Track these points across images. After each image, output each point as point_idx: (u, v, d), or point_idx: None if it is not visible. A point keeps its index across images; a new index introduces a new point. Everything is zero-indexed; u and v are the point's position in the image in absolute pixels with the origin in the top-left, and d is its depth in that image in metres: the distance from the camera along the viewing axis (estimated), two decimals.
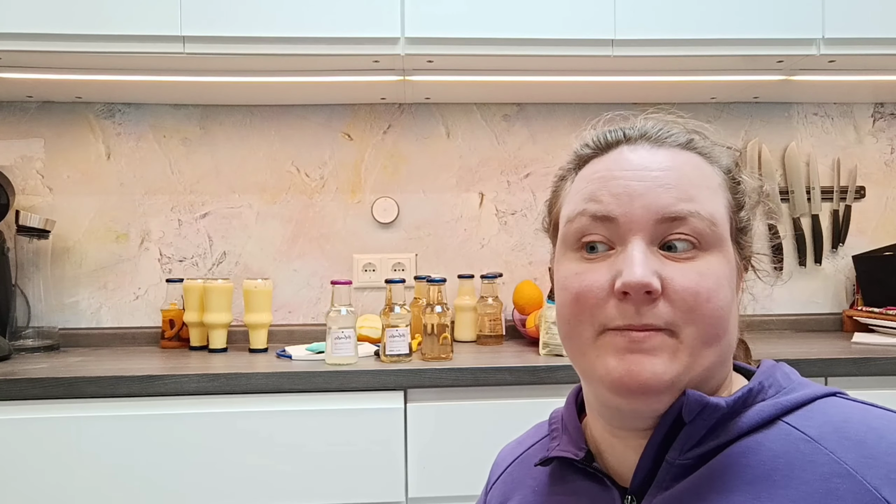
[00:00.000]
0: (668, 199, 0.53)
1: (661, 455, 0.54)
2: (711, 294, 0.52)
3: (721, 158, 0.59)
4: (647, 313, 0.51)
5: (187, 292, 1.73)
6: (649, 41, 1.57)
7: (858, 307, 1.85)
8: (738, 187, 0.59)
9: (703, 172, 0.56)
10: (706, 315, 0.52)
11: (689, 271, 0.52)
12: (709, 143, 0.59)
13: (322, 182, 1.94)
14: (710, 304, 0.52)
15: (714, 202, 0.55)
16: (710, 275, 0.52)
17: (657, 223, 0.53)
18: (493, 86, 1.79)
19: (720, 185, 0.57)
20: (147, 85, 1.73)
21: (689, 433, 0.52)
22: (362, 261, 1.94)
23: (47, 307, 1.84)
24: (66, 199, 1.89)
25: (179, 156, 1.92)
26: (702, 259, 0.53)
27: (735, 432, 0.52)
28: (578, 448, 0.60)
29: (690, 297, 0.51)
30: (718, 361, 0.54)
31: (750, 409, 0.53)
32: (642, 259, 0.52)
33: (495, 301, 1.78)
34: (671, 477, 0.53)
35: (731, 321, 0.54)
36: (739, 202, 0.58)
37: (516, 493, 0.65)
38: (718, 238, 0.54)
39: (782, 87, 1.82)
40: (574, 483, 0.60)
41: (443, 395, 1.41)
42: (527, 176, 1.97)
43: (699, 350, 0.52)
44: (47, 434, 1.33)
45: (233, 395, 1.37)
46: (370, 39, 1.53)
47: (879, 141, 2.03)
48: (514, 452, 0.71)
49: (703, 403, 0.51)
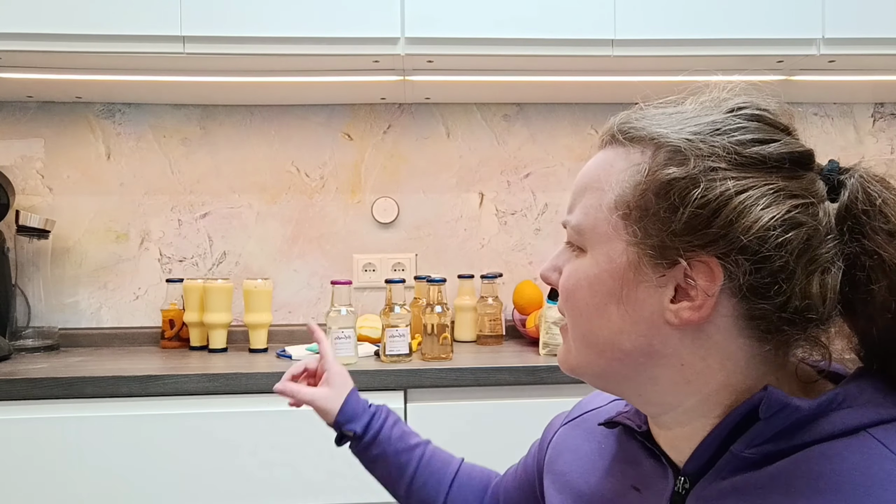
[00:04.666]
0: (568, 206, 0.59)
1: (724, 445, 0.52)
2: (568, 293, 0.56)
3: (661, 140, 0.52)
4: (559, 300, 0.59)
5: (187, 292, 1.73)
6: (649, 41, 1.57)
7: None
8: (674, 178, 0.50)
9: (601, 173, 0.55)
10: (569, 311, 0.57)
11: (566, 271, 0.57)
12: (654, 128, 0.53)
13: (322, 182, 1.94)
14: (568, 302, 0.56)
15: (589, 206, 0.55)
16: (573, 276, 0.56)
17: (564, 226, 0.59)
18: (493, 86, 1.79)
19: (619, 181, 0.52)
20: (147, 85, 1.73)
21: (761, 429, 0.49)
22: (362, 261, 1.94)
23: (47, 307, 1.84)
24: (66, 199, 1.89)
25: (179, 156, 1.92)
26: (576, 260, 0.57)
27: (813, 436, 0.48)
28: (643, 421, 0.60)
29: (561, 293, 0.58)
30: (622, 371, 0.54)
31: (834, 414, 0.49)
32: (553, 255, 0.60)
33: (495, 301, 1.78)
34: (732, 468, 0.51)
35: (607, 325, 0.53)
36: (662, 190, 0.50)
37: (584, 442, 0.67)
38: (592, 240, 0.55)
39: (782, 87, 1.81)
40: (634, 452, 0.60)
41: (443, 395, 1.41)
42: (527, 176, 1.97)
43: (581, 347, 0.56)
44: (47, 434, 1.33)
45: (233, 395, 1.37)
46: (370, 39, 1.53)
47: (879, 141, 2.03)
48: (597, 401, 0.72)
49: (784, 403, 0.48)
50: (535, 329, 1.68)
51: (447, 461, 0.89)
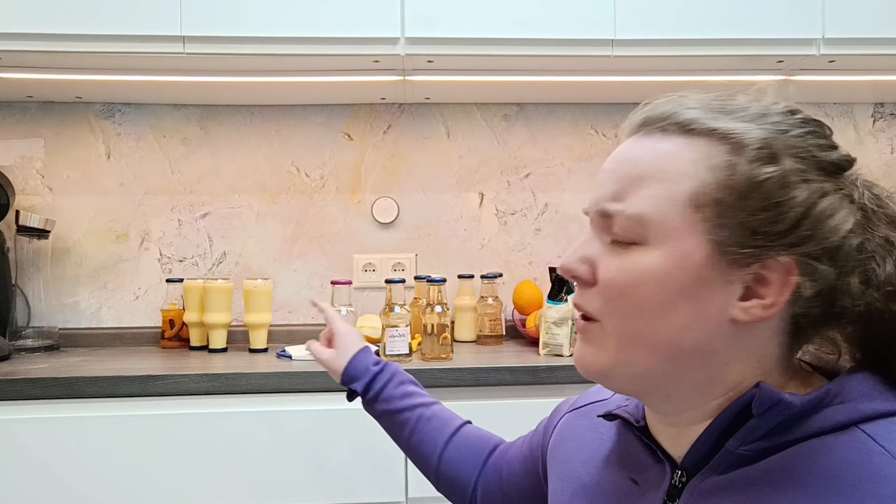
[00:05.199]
0: (608, 193, 0.54)
1: (720, 440, 0.52)
2: (627, 289, 0.52)
3: (742, 137, 0.50)
4: (582, 296, 0.56)
5: (187, 292, 1.73)
6: (649, 41, 1.57)
7: None
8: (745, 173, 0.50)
9: (665, 165, 0.51)
10: (621, 309, 0.52)
11: (613, 264, 0.53)
12: (720, 121, 0.52)
13: (322, 182, 1.94)
14: (623, 300, 0.52)
15: (656, 196, 0.51)
16: (633, 270, 0.52)
17: (600, 217, 0.55)
18: (493, 86, 1.79)
19: (685, 174, 0.51)
20: (147, 85, 1.73)
21: (755, 426, 0.50)
22: (362, 261, 1.94)
23: (47, 307, 1.84)
24: (66, 199, 1.89)
25: (179, 156, 1.92)
26: (633, 253, 0.52)
27: (805, 432, 0.50)
28: (642, 416, 0.61)
29: (607, 288, 0.53)
30: (661, 364, 0.52)
31: (825, 410, 0.50)
32: (577, 246, 0.55)
33: (495, 301, 1.78)
34: (727, 464, 0.52)
35: (672, 323, 0.51)
36: (736, 188, 0.50)
37: (587, 432, 0.68)
38: (659, 233, 0.50)
39: (782, 87, 1.82)
40: (633, 446, 0.61)
41: (443, 395, 1.41)
42: (527, 176, 1.97)
43: (624, 344, 0.53)
44: (47, 434, 1.33)
45: (233, 395, 1.37)
46: (370, 39, 1.53)
47: (879, 141, 2.03)
48: (604, 392, 0.72)
49: (777, 399, 0.49)
50: (535, 329, 1.68)
51: (448, 421, 0.91)
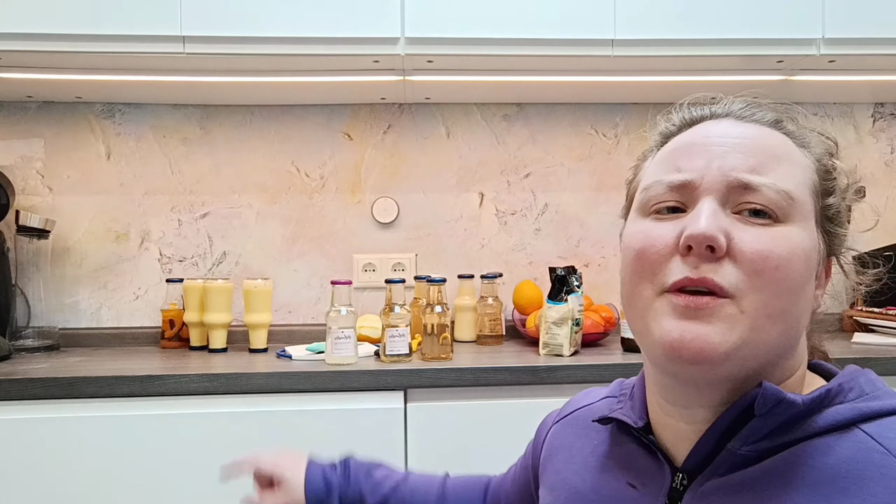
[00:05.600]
0: (743, 165, 0.51)
1: (721, 441, 0.52)
2: (782, 262, 0.49)
3: (812, 144, 0.56)
4: (716, 270, 0.49)
5: (187, 292, 1.73)
6: (649, 41, 1.57)
7: (858, 307, 1.85)
8: (829, 175, 0.56)
9: (789, 149, 0.54)
10: (773, 283, 0.49)
11: (762, 235, 0.50)
12: (798, 127, 0.57)
13: (322, 182, 1.94)
14: (778, 273, 0.49)
15: (795, 178, 0.52)
16: (785, 243, 0.50)
17: (730, 188, 0.51)
18: (493, 86, 1.79)
19: (807, 165, 0.55)
20: (147, 85, 1.73)
21: (757, 426, 0.50)
22: (362, 261, 1.94)
23: (47, 307, 1.84)
24: (66, 199, 1.89)
25: (179, 156, 1.92)
26: (779, 228, 0.50)
27: (807, 431, 0.50)
28: (639, 417, 0.60)
29: (759, 259, 0.49)
30: (784, 344, 0.52)
31: (826, 409, 0.51)
32: (710, 213, 0.50)
33: (495, 301, 1.78)
34: (729, 465, 0.51)
35: (801, 302, 0.51)
36: (828, 188, 0.55)
37: (578, 440, 0.67)
38: (799, 213, 0.52)
39: (782, 87, 1.82)
40: (629, 449, 0.60)
41: (443, 395, 1.41)
42: (527, 176, 1.97)
43: (761, 323, 0.49)
44: (47, 434, 1.33)
45: (233, 395, 1.37)
46: (370, 39, 1.53)
47: (879, 141, 2.03)
48: (587, 399, 0.71)
49: (780, 398, 0.49)
50: (535, 329, 1.68)
51: (430, 483, 0.84)
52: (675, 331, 0.49)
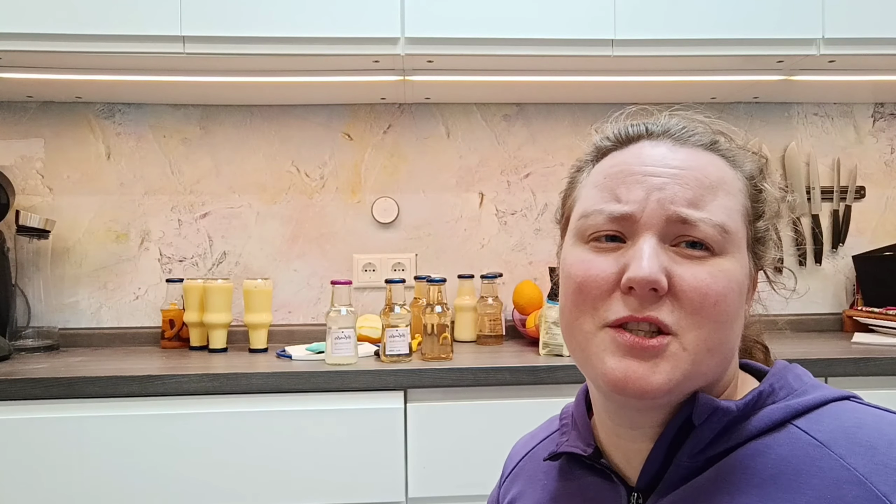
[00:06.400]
0: (681, 200, 0.52)
1: (669, 456, 0.54)
2: (720, 297, 0.51)
3: (745, 164, 0.57)
4: (658, 309, 0.50)
5: (187, 292, 1.73)
6: (649, 41, 1.57)
7: (858, 307, 1.85)
8: (760, 195, 0.57)
9: (724, 176, 0.55)
10: (711, 319, 0.50)
11: (700, 271, 0.51)
12: (733, 147, 0.57)
13: (322, 182, 1.94)
14: (717, 308, 0.50)
15: (729, 209, 0.53)
16: (722, 278, 0.51)
17: (669, 221, 0.52)
18: (493, 86, 1.79)
19: (740, 190, 0.55)
20: (147, 85, 1.73)
21: (698, 436, 0.52)
22: (362, 261, 1.94)
23: (47, 307, 1.84)
24: (66, 199, 1.89)
25: (179, 156, 1.92)
26: (714, 262, 0.52)
27: (744, 435, 0.51)
28: (587, 444, 0.60)
29: (699, 297, 0.50)
30: (720, 369, 0.54)
31: (760, 412, 0.52)
32: (651, 254, 0.50)
33: (495, 301, 1.78)
34: (679, 478, 0.53)
35: (736, 328, 0.54)
36: (758, 211, 0.57)
37: (528, 487, 0.66)
38: (732, 244, 0.53)
39: (782, 87, 1.82)
40: (582, 479, 0.60)
41: (443, 395, 1.41)
42: (527, 176, 1.97)
43: (702, 357, 0.51)
44: (47, 434, 1.33)
45: (233, 395, 1.37)
46: (370, 39, 1.53)
47: (879, 141, 2.03)
48: (527, 446, 0.71)
49: (714, 407, 0.51)
50: (535, 329, 1.68)
51: None
52: (618, 369, 0.51)
